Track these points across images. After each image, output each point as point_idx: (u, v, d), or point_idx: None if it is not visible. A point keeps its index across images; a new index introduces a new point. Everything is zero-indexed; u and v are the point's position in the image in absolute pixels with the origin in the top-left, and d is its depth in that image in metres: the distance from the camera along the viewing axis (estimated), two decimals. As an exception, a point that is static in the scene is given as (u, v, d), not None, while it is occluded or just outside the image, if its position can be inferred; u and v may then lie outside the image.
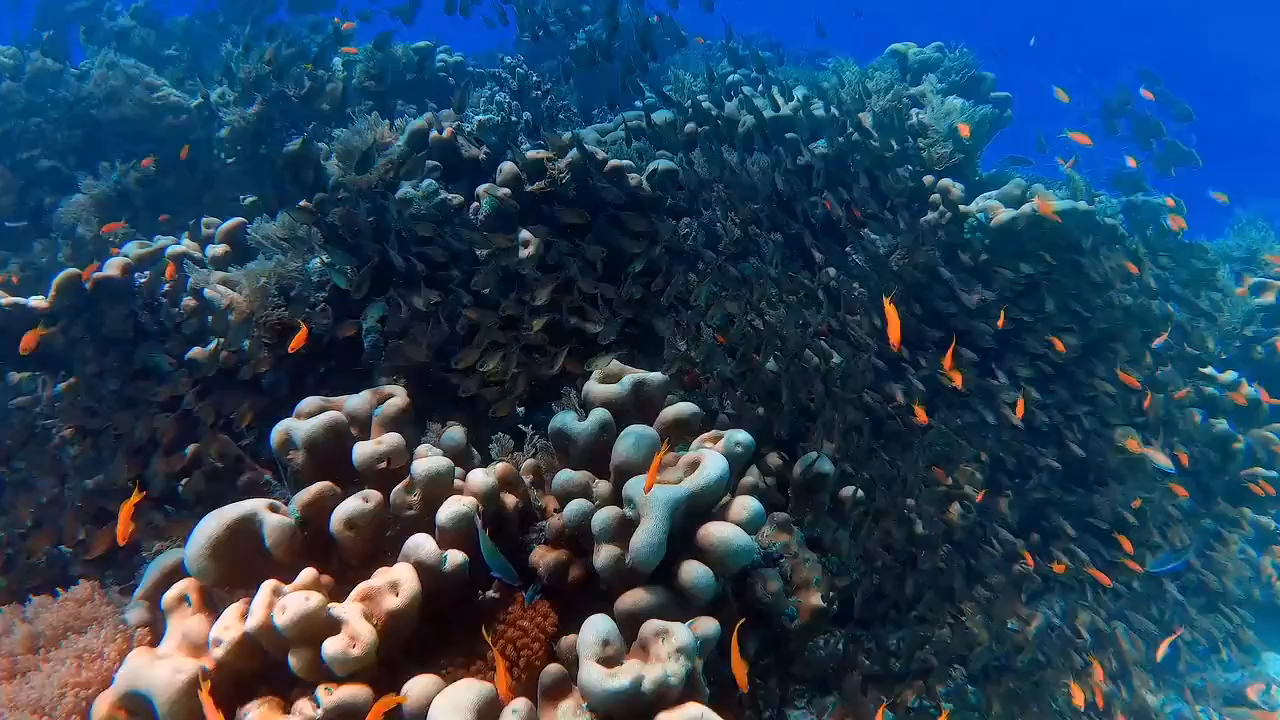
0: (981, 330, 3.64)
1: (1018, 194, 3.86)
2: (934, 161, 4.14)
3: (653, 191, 3.41)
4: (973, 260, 3.75)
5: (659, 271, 3.42)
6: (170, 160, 5.28)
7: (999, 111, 5.06)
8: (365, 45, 5.10)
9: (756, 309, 3.50)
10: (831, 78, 4.68)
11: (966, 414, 3.57)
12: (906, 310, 3.69)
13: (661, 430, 2.55)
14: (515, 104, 3.29)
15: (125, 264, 3.37)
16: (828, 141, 4.09)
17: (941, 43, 5.12)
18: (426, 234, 3.08)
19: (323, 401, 2.47)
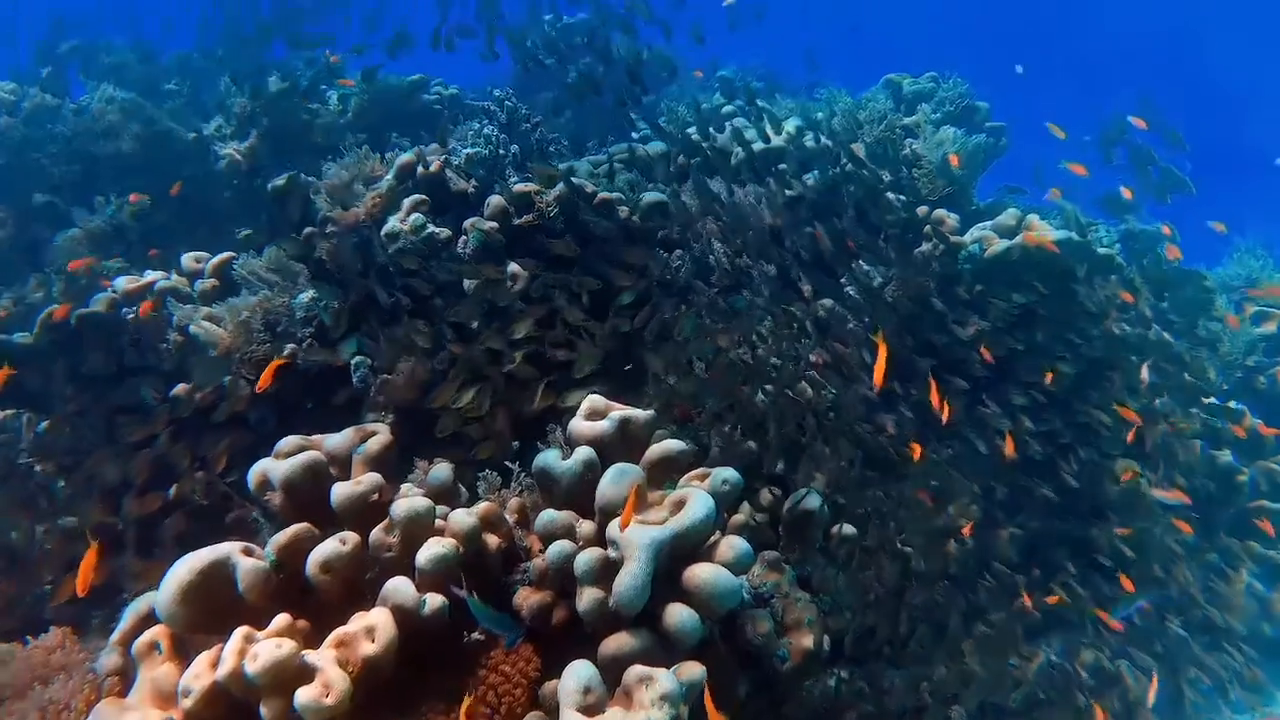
0: (974, 359, 3.60)
1: (1012, 224, 3.83)
2: (928, 192, 4.12)
3: (642, 224, 3.39)
4: (967, 291, 3.72)
5: (650, 305, 3.39)
6: (167, 194, 5.29)
7: (994, 141, 5.05)
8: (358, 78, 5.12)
9: (749, 341, 3.47)
10: (824, 108, 4.68)
11: (959, 443, 3.52)
12: (900, 341, 3.64)
13: (648, 468, 2.51)
14: (503, 137, 3.28)
15: (111, 300, 3.36)
16: (820, 172, 4.08)
17: (935, 73, 5.13)
18: (412, 266, 3.06)
19: (302, 441, 2.43)
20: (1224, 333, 4.54)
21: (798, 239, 3.83)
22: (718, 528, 2.53)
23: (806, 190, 3.89)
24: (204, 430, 3.21)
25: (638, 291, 3.30)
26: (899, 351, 3.65)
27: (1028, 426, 3.53)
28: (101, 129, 5.40)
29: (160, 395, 3.06)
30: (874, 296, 3.72)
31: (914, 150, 4.09)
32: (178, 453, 2.81)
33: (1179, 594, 3.57)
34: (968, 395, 3.61)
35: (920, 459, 3.01)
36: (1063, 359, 3.66)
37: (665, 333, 3.18)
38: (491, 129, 3.31)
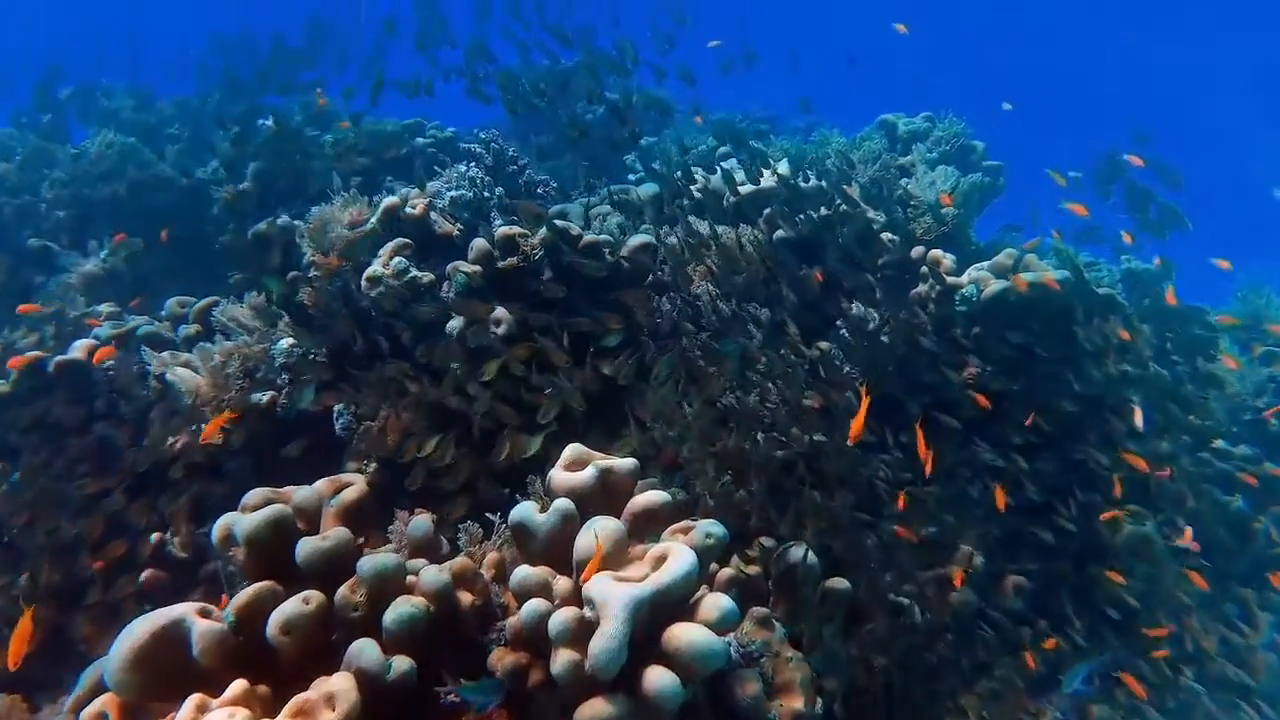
0: (968, 401, 3.50)
1: (1009, 264, 3.76)
2: (923, 232, 4.06)
3: (630, 267, 3.33)
4: (964, 333, 3.63)
5: (638, 349, 3.32)
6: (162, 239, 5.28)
7: (991, 180, 5.02)
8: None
9: (738, 386, 3.39)
10: (817, 149, 4.66)
11: (952, 486, 3.41)
12: (894, 384, 3.56)
13: (630, 521, 2.41)
14: (488, 180, 3.24)
15: (90, 347, 3.30)
16: (813, 213, 4.03)
17: (930, 113, 5.11)
18: (393, 310, 3.00)
19: (270, 493, 2.34)
20: (1230, 373, 4.43)
21: (790, 281, 3.77)
22: (703, 583, 2.43)
23: (798, 231, 3.84)
24: (176, 482, 3.14)
25: (623, 334, 3.22)
26: (893, 394, 3.56)
27: (1023, 467, 3.42)
28: (98, 173, 5.41)
29: (130, 444, 2.98)
30: (870, 339, 3.64)
31: (906, 190, 4.04)
32: (136, 510, 2.72)
33: (1193, 647, 3.42)
34: (964, 435, 3.51)
35: (912, 505, 2.90)
36: (1061, 399, 3.55)
37: (649, 377, 3.10)
38: (477, 171, 3.27)
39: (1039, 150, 5.70)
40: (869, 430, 2.61)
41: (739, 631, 2.57)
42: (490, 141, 3.45)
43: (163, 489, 3.15)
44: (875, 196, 4.05)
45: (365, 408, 3.23)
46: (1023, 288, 3.47)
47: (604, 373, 3.14)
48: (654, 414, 2.96)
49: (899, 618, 2.90)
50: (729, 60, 5.13)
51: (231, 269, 4.81)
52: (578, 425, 3.19)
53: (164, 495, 3.00)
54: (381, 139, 5.19)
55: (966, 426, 3.50)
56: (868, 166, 4.20)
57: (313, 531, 2.34)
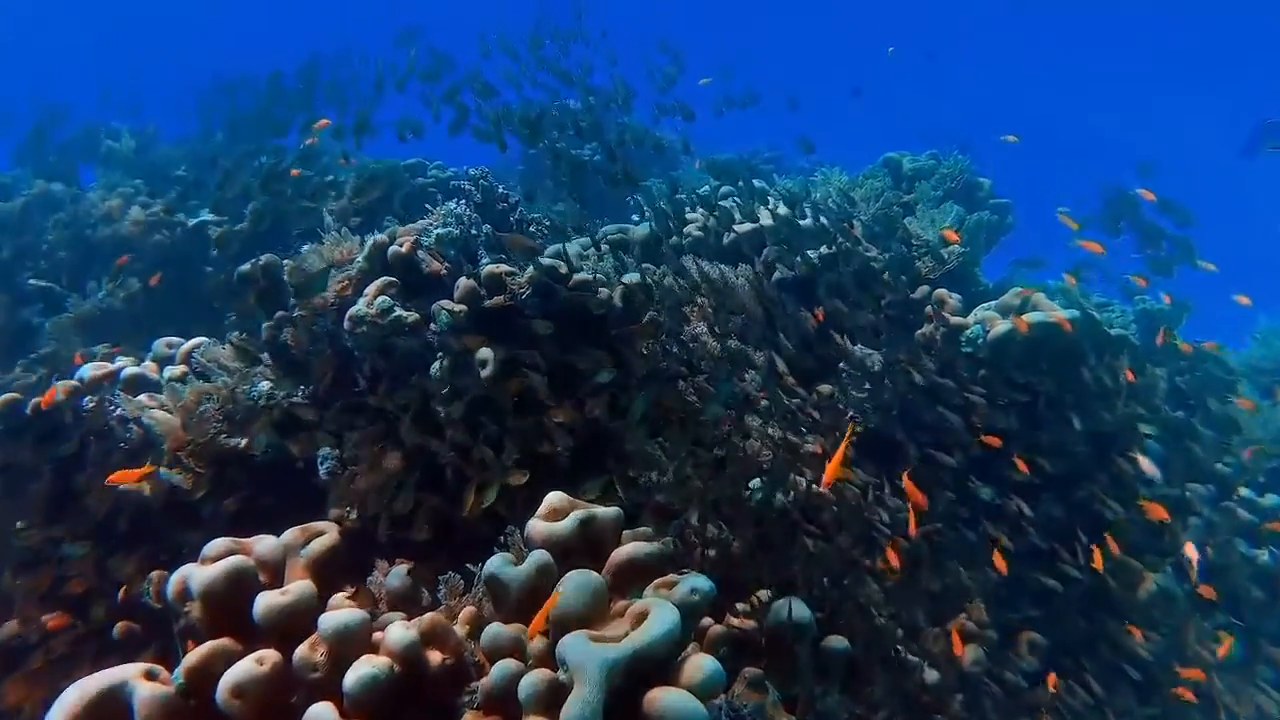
0: (973, 443, 3.36)
1: (1016, 304, 3.63)
2: (928, 270, 3.95)
3: (624, 307, 3.23)
4: (970, 374, 3.50)
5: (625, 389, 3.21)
6: (164, 279, 5.25)
7: (999, 218, 4.91)
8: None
9: (737, 429, 3.27)
10: (820, 187, 4.58)
11: (952, 533, 3.25)
12: (898, 427, 3.42)
13: (612, 574, 2.28)
14: (476, 217, 3.17)
15: (71, 388, 3.23)
16: (814, 252, 3.93)
17: (936, 150, 5.03)
18: (374, 349, 2.91)
19: (232, 543, 2.23)
20: (1249, 416, 4.24)
21: (788, 322, 3.66)
22: (689, 641, 2.29)
23: (797, 271, 3.74)
24: (156, 524, 3.04)
25: (614, 374, 3.11)
26: (895, 437, 3.43)
27: (1026, 512, 3.26)
28: (100, 215, 5.41)
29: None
30: (872, 381, 3.51)
31: (909, 228, 3.94)
32: (85, 566, 2.61)
33: (1225, 715, 3.20)
34: (963, 476, 3.37)
35: (910, 556, 2.75)
36: (1070, 441, 3.40)
37: (642, 419, 2.98)
38: (464, 208, 3.20)
39: (1043, 187, 5.60)
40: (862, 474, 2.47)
41: (730, 694, 2.41)
42: (479, 178, 3.39)
43: (143, 536, 3.06)
44: (878, 235, 3.95)
45: (348, 452, 3.14)
46: (1024, 329, 3.34)
47: (595, 414, 3.02)
48: (640, 459, 2.84)
49: (903, 677, 2.73)
50: (730, 99, 5.08)
51: (224, 310, 4.77)
52: (566, 468, 3.08)
53: (139, 545, 2.89)
54: (376, 179, 5.16)
55: (969, 468, 3.36)
56: (870, 204, 4.10)
57: (276, 585, 2.22)
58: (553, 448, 2.93)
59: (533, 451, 3.05)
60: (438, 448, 2.89)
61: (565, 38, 4.83)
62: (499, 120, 3.62)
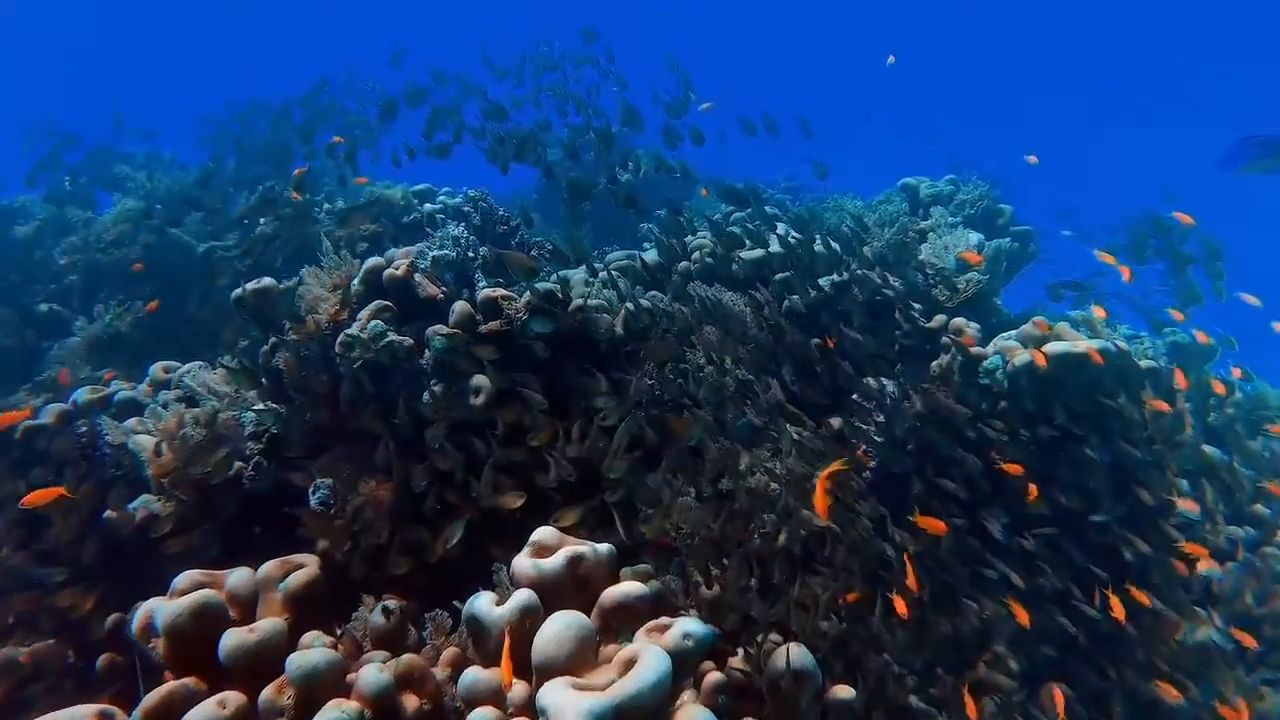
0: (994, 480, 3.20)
1: (1038, 334, 3.48)
2: (946, 299, 3.81)
3: (626, 334, 3.12)
4: (989, 407, 3.34)
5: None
6: (169, 302, 5.23)
7: (1021, 246, 4.77)
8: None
9: (745, 466, 3.14)
10: (833, 214, 4.46)
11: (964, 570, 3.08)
12: (913, 462, 3.27)
13: (601, 617, 2.14)
14: (473, 239, 3.08)
15: (63, 412, 3.16)
16: (828, 279, 3.80)
17: (955, 176, 4.90)
18: (366, 376, 2.82)
19: (202, 576, 2.13)
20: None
21: (798, 351, 3.53)
22: (683, 689, 2.14)
23: (807, 299, 3.61)
24: (141, 552, 2.95)
25: (614, 402, 3.00)
26: (908, 472, 3.27)
27: (1045, 555, 3.08)
28: (112, 238, 5.41)
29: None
30: (888, 414, 3.37)
31: (928, 255, 3.81)
32: (65, 595, 2.51)
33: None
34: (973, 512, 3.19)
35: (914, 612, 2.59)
36: (1095, 479, 3.22)
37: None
38: (461, 230, 3.12)
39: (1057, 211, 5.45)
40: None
41: (729, 746, 2.26)
42: (478, 200, 3.31)
43: (138, 566, 2.97)
44: (892, 262, 3.82)
45: (340, 481, 3.04)
46: (1041, 363, 3.18)
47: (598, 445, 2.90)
48: (641, 492, 2.71)
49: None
50: (748, 124, 4.98)
51: (243, 334, 4.72)
52: (566, 500, 2.96)
53: (120, 574, 2.80)
54: (387, 204, 5.12)
55: (983, 504, 3.19)
56: (884, 230, 3.98)
57: (247, 621, 2.11)
58: (547, 479, 2.80)
59: (529, 481, 2.94)
60: (422, 477, 2.77)
61: (577, 61, 4.80)
62: (500, 142, 3.54)
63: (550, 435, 2.74)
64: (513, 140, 3.30)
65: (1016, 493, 3.18)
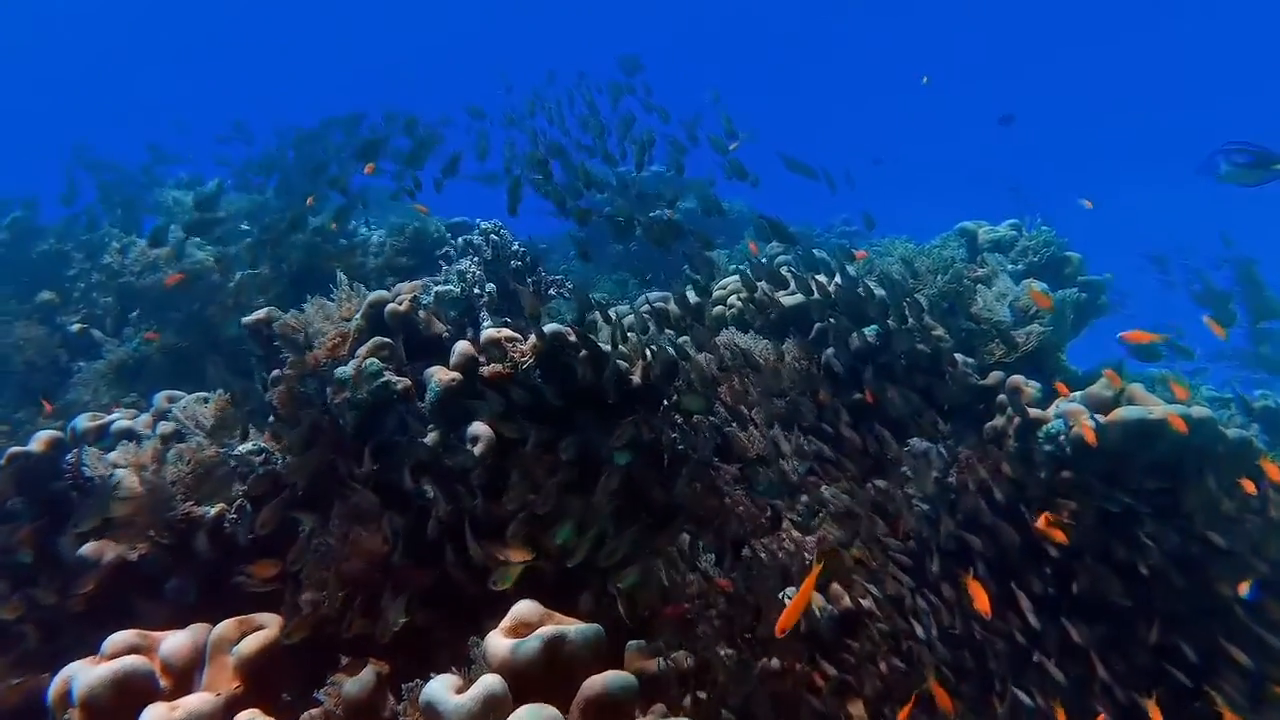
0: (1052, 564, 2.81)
1: (1108, 395, 3.11)
2: (1003, 353, 3.47)
3: (643, 383, 2.86)
4: (1049, 476, 2.97)
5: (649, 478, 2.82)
6: (196, 328, 5.16)
7: (1090, 297, 4.39)
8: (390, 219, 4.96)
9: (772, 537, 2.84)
10: (884, 258, 4.16)
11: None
12: (955, 530, 2.91)
13: (582, 711, 1.86)
14: (481, 275, 2.87)
15: (52, 439, 3.02)
16: (872, 329, 3.49)
17: (1017, 220, 4.55)
18: (357, 419, 2.61)
19: (136, 638, 1.91)
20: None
21: (839, 407, 3.22)
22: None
23: (852, 347, 3.31)
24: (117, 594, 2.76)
25: (630, 457, 2.73)
26: (954, 549, 2.91)
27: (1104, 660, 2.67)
28: (145, 263, 5.38)
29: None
30: (936, 482, 3.03)
31: (985, 304, 3.47)
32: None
33: None
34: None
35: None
36: (1173, 569, 2.81)
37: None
38: (469, 265, 2.91)
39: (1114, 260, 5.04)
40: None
41: None
42: (491, 232, 3.11)
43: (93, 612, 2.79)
44: (944, 311, 3.49)
45: (331, 528, 2.83)
46: (1115, 427, 2.81)
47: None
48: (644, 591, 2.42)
49: None
50: (794, 163, 4.73)
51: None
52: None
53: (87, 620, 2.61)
54: (424, 238, 4.98)
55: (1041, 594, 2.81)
56: (937, 277, 3.66)
57: (183, 692, 1.88)
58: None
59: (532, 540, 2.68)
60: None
61: (615, 90, 4.63)
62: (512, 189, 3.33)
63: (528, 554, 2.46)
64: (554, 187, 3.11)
65: (1072, 574, 2.81)
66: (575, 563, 2.32)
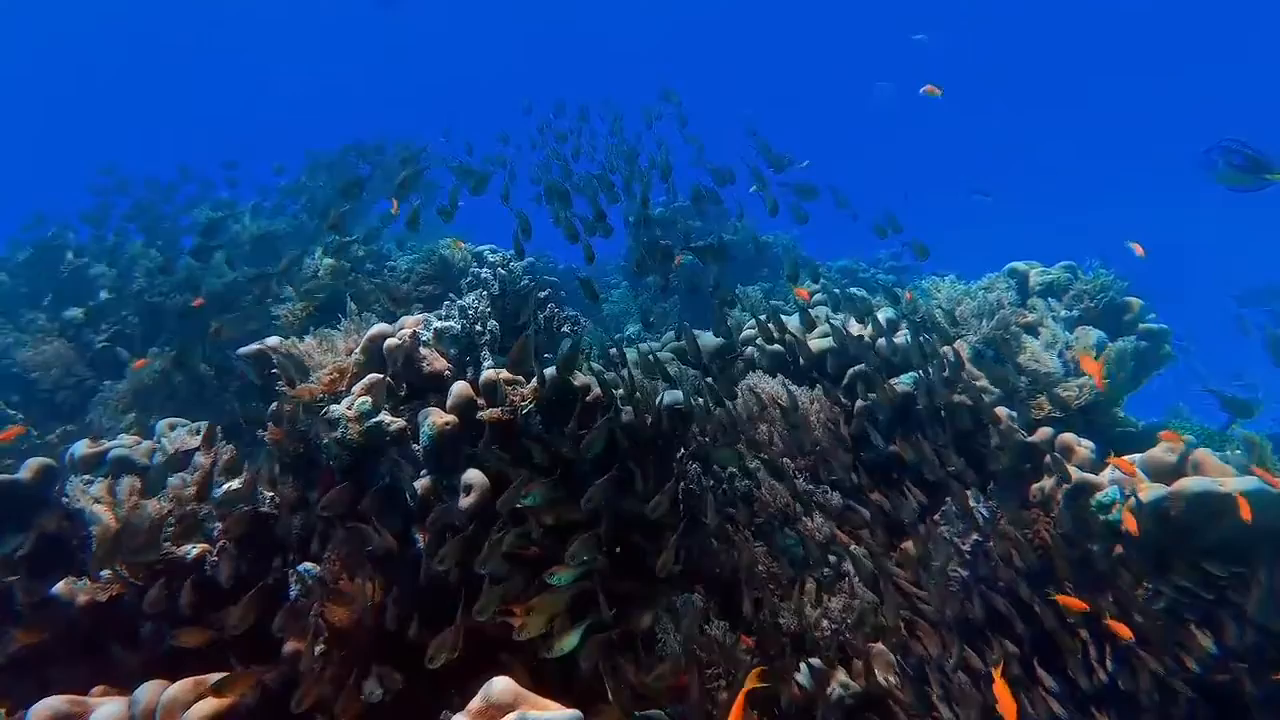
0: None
1: (1171, 461, 2.81)
2: (1052, 407, 3.19)
3: (653, 431, 2.65)
4: (1102, 549, 2.68)
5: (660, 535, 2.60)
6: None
7: (1152, 347, 4.06)
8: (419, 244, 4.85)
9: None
10: (928, 299, 3.89)
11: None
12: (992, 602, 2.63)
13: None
14: (485, 311, 2.70)
15: (42, 467, 2.93)
16: (912, 377, 3.24)
17: (1072, 262, 4.25)
18: (346, 462, 2.45)
19: (68, 705, 1.75)
20: None
21: (870, 462, 2.97)
22: None
23: (888, 398, 3.06)
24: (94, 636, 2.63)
25: (666, 508, 2.51)
26: (986, 629, 2.62)
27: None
28: (174, 283, 5.37)
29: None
30: (970, 551, 2.76)
31: (1033, 353, 3.20)
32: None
33: None
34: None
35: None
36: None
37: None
38: (473, 300, 2.75)
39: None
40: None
41: None
42: (499, 265, 2.94)
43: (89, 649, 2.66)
44: (989, 360, 3.23)
45: (323, 573, 2.67)
46: (1177, 500, 2.50)
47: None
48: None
49: None
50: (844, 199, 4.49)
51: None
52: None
53: (57, 664, 2.49)
54: (450, 266, 4.86)
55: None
56: (983, 322, 3.39)
57: (116, 769, 1.72)
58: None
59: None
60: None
61: (649, 116, 4.48)
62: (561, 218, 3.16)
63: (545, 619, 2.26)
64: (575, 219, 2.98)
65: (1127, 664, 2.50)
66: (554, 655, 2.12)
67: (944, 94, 4.87)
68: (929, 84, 5.01)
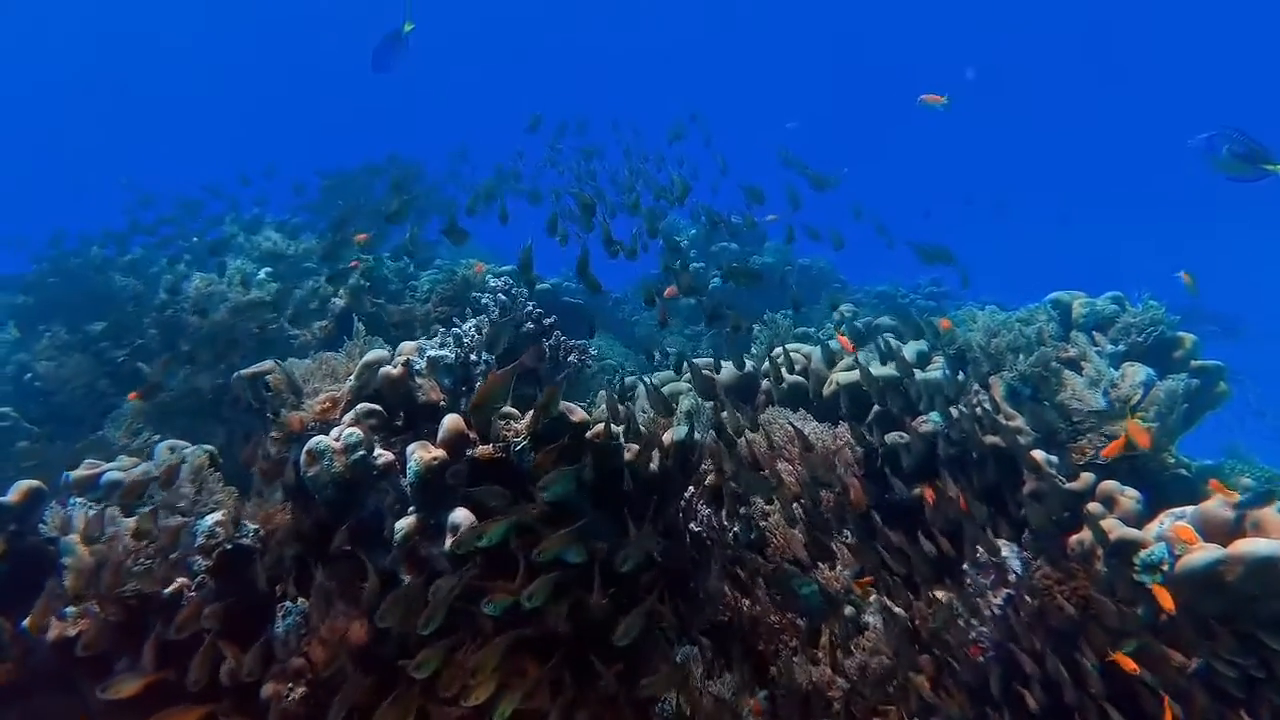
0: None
1: (1227, 517, 2.55)
2: (1094, 452, 2.95)
3: (660, 470, 2.48)
4: (1147, 613, 2.44)
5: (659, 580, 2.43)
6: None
7: (1206, 385, 3.78)
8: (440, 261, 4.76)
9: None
10: (964, 331, 3.67)
11: None
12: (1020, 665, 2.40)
13: None
14: (480, 339, 2.56)
15: (29, 489, 2.84)
16: (939, 416, 3.03)
17: (1120, 293, 3.99)
18: (330, 496, 2.32)
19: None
20: None
21: (895, 508, 2.77)
22: None
23: (914, 437, 2.86)
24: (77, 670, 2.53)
25: (639, 560, 2.34)
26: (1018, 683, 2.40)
27: None
28: (198, 299, 5.34)
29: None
30: (1000, 607, 2.53)
31: (1074, 391, 2.97)
32: None
33: None
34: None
35: None
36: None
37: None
38: (470, 327, 2.61)
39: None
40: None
41: None
42: (500, 290, 2.81)
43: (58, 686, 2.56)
44: (1026, 398, 3.01)
45: (309, 610, 2.54)
46: (1236, 570, 2.25)
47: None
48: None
49: None
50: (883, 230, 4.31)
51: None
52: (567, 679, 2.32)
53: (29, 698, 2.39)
54: (470, 287, 4.76)
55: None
56: (1019, 357, 3.17)
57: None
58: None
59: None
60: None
61: (672, 136, 4.36)
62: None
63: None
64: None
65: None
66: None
67: (948, 105, 4.57)
68: (927, 94, 4.70)
